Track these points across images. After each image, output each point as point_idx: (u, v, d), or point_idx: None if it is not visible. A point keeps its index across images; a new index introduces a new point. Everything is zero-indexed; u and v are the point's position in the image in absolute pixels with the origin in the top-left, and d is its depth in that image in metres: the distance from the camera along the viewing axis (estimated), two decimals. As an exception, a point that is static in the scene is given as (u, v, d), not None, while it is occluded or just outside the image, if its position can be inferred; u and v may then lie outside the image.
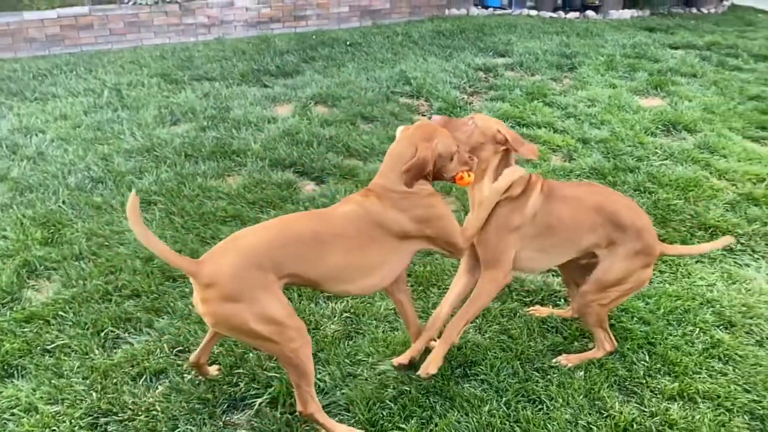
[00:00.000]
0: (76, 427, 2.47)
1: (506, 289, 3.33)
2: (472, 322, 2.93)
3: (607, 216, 2.70)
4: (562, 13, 10.56)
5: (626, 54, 7.78)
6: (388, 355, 2.83)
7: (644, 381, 2.76)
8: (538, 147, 4.74)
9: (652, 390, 2.72)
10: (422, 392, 2.66)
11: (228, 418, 2.56)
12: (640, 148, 5.18)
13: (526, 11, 10.69)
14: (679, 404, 2.65)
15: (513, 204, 2.66)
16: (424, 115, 5.82)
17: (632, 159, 4.96)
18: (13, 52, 7.92)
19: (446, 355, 2.72)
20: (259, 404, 2.60)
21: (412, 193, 2.39)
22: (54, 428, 2.46)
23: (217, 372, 2.74)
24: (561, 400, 2.63)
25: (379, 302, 3.20)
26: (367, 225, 2.34)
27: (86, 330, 2.99)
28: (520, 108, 5.97)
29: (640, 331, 3.04)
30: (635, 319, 3.13)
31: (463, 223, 2.62)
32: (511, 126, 5.01)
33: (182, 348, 2.90)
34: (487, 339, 2.99)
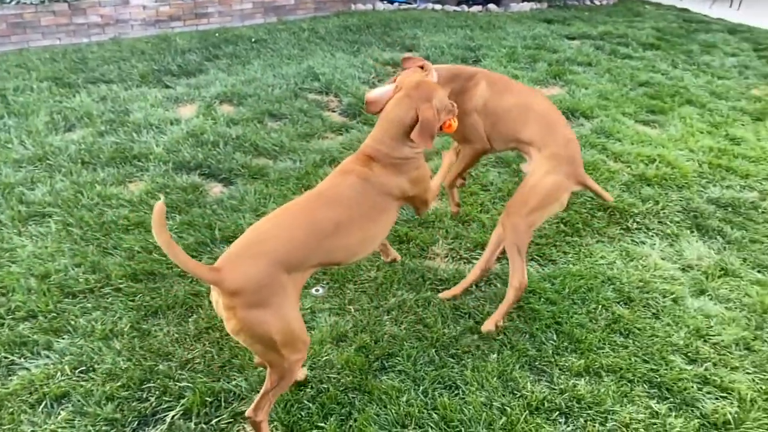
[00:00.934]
0: (-32, 464, 2.29)
1: (420, 279, 3.39)
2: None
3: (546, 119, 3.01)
4: (465, 7, 10.80)
5: (527, 45, 8.06)
6: (307, 356, 2.80)
7: (553, 359, 2.89)
8: (443, 138, 4.81)
9: (560, 368, 2.85)
10: (341, 389, 2.66)
11: (139, 436, 2.45)
12: (542, 135, 5.37)
13: (431, 5, 10.85)
14: (585, 379, 2.78)
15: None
16: (334, 111, 5.79)
17: (535, 146, 5.14)
18: None
19: (363, 350, 2.72)
20: (172, 417, 2.51)
21: (411, 158, 2.45)
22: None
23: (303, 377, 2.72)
24: (476, 384, 2.71)
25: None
26: (375, 196, 2.39)
27: (-25, 358, 2.77)
28: (428, 101, 6.03)
29: (547, 311, 3.17)
30: (542, 299, 3.26)
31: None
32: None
33: (86, 368, 2.74)
34: (404, 330, 3.03)
